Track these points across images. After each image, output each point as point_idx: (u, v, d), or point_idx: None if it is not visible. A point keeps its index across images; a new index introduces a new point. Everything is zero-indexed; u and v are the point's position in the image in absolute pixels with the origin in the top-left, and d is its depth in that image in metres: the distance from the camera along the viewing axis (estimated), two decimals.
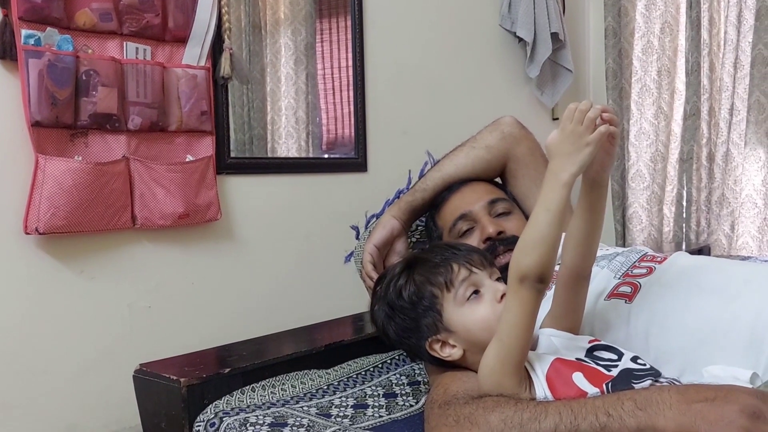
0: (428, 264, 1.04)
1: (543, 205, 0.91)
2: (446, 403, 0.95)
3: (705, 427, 0.75)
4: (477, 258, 1.03)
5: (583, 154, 0.91)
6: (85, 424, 1.61)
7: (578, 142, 0.91)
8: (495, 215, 1.40)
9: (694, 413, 0.77)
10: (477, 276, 1.01)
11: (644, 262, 1.23)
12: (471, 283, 1.01)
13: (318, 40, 2.21)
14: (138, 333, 1.70)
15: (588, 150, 0.91)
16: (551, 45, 2.72)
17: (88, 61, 1.53)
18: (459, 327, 1.00)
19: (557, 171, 0.91)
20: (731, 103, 2.73)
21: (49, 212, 1.48)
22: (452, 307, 1.00)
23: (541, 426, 0.83)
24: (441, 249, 1.07)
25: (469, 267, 1.02)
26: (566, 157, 0.91)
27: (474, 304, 1.00)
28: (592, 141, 0.91)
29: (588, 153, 0.91)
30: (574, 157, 0.91)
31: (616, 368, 0.93)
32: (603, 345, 1.00)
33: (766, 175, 2.67)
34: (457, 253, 1.04)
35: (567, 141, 0.92)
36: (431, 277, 1.02)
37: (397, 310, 1.05)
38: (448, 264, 1.02)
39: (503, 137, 1.54)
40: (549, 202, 0.90)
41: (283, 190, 2.03)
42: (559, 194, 0.90)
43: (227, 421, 1.10)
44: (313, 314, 1.76)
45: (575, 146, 0.91)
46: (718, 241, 2.77)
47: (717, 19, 2.78)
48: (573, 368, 0.93)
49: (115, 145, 1.61)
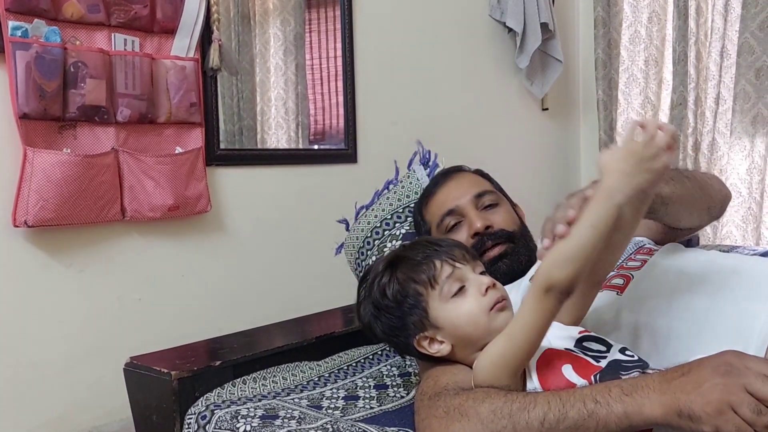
0: (411, 262, 1.03)
1: (589, 221, 0.86)
2: (436, 395, 0.96)
3: (684, 399, 0.77)
4: (459, 253, 1.03)
5: (641, 179, 0.86)
6: (76, 416, 1.62)
7: (642, 165, 0.86)
8: (482, 208, 1.41)
9: (673, 389, 0.79)
10: (460, 271, 1.01)
11: (639, 255, 1.25)
12: (455, 279, 1.00)
13: (307, 30, 2.20)
14: (128, 325, 1.70)
15: (647, 177, 0.86)
16: (541, 35, 2.72)
17: (76, 53, 1.52)
18: (446, 323, 1.00)
19: (612, 190, 0.85)
20: (717, 92, 2.74)
21: (38, 205, 1.47)
22: (438, 304, 1.00)
23: (530, 415, 0.84)
24: (423, 246, 1.06)
25: (452, 263, 1.01)
26: (625, 177, 0.86)
27: (459, 299, 1.00)
28: (656, 170, 0.86)
29: (648, 178, 0.86)
30: (633, 180, 0.86)
31: (604, 359, 0.94)
32: (592, 336, 1.01)
33: (751, 164, 2.69)
34: (439, 249, 1.03)
35: (630, 160, 0.86)
36: (414, 275, 1.02)
37: (382, 309, 1.05)
38: (430, 261, 1.02)
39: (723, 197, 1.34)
40: (596, 220, 0.86)
41: (273, 182, 2.03)
42: (609, 213, 0.86)
43: (218, 413, 1.11)
44: (304, 306, 1.77)
45: (637, 168, 0.86)
46: (704, 230, 2.79)
47: (704, 8, 2.79)
48: (563, 359, 0.94)
49: (104, 137, 1.61)
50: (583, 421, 0.81)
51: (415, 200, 1.56)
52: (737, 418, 0.75)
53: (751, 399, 0.75)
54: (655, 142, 0.86)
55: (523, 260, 1.36)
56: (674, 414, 0.78)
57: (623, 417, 0.80)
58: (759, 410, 0.75)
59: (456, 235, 1.38)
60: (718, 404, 0.75)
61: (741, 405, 0.75)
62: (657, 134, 0.86)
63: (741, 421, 0.75)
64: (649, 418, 0.79)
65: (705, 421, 0.76)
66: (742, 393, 0.75)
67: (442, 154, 1.71)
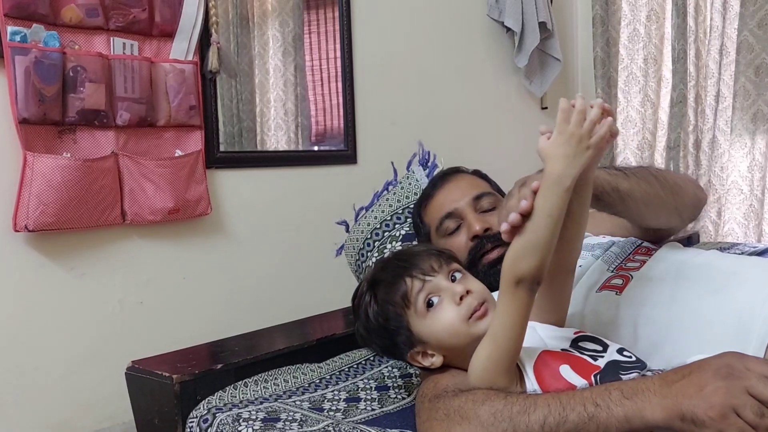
0: (384, 284, 1.03)
1: (544, 211, 0.87)
2: (436, 397, 0.96)
3: (687, 403, 0.77)
4: (428, 264, 1.01)
5: (584, 158, 0.88)
6: (78, 420, 1.62)
7: (579, 145, 0.88)
8: (481, 211, 1.41)
9: (675, 393, 0.79)
10: (431, 283, 1.00)
11: (638, 255, 1.25)
12: (427, 293, 0.99)
13: (306, 31, 2.20)
14: (129, 329, 1.71)
15: (589, 153, 0.88)
16: (539, 34, 2.72)
17: (75, 57, 1.52)
18: (429, 337, 1.00)
19: (559, 176, 0.87)
20: (717, 90, 2.74)
21: (38, 209, 1.48)
22: (417, 321, 1.00)
23: (530, 418, 0.84)
24: (392, 265, 1.05)
25: (421, 277, 1.00)
26: (567, 159, 0.87)
27: (435, 312, 0.99)
28: (594, 145, 0.88)
29: (589, 156, 0.88)
30: (576, 161, 0.88)
31: (602, 359, 0.94)
32: (588, 336, 1.01)
33: (752, 161, 2.69)
34: (408, 265, 1.02)
35: (567, 144, 0.88)
36: (390, 297, 1.01)
37: (372, 332, 1.06)
38: (401, 280, 1.01)
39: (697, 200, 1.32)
40: (551, 208, 0.87)
41: (273, 184, 2.03)
42: (562, 200, 0.87)
43: (220, 417, 1.11)
44: (304, 308, 1.77)
45: (576, 149, 0.88)
46: (705, 227, 2.79)
47: (703, 6, 2.79)
48: (560, 360, 0.94)
49: (104, 141, 1.61)
50: (583, 425, 0.81)
51: (415, 201, 1.56)
52: (740, 421, 0.75)
53: (753, 402, 0.75)
54: (588, 119, 0.88)
55: None
56: (677, 418, 0.78)
57: (624, 421, 0.80)
58: (762, 413, 0.75)
59: (455, 239, 1.39)
60: (721, 408, 0.75)
61: (744, 408, 0.75)
62: (588, 110, 0.88)
63: (744, 424, 0.74)
64: (650, 421, 0.79)
65: (708, 425, 0.76)
66: (744, 396, 0.75)
67: (442, 154, 1.72)
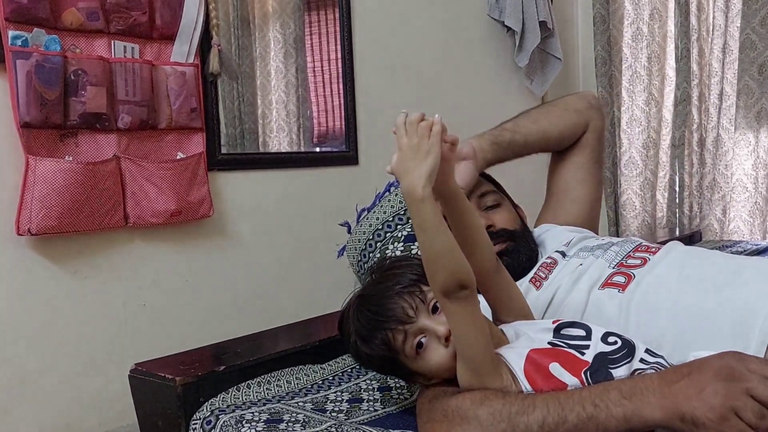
0: (364, 338, 1.00)
1: (419, 228, 0.89)
2: (435, 398, 0.97)
3: (687, 404, 0.77)
4: (402, 311, 0.96)
5: (427, 164, 0.88)
6: (82, 423, 1.62)
7: (418, 154, 0.89)
8: (484, 208, 1.42)
9: (674, 393, 0.79)
10: (414, 326, 0.97)
11: (639, 253, 1.25)
12: (413, 338, 0.97)
13: (307, 32, 2.21)
14: (133, 331, 1.71)
15: (431, 158, 0.89)
16: (540, 33, 2.72)
17: (76, 61, 1.52)
18: (426, 373, 0.99)
19: (411, 190, 0.88)
20: (721, 88, 2.74)
21: (41, 213, 1.48)
22: (410, 361, 0.99)
23: (529, 419, 0.84)
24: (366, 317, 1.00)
25: (401, 328, 0.96)
26: (414, 171, 0.88)
27: (425, 353, 0.97)
28: (431, 147, 0.89)
29: (432, 161, 0.89)
30: (420, 170, 0.88)
31: (587, 349, 0.94)
32: (568, 322, 1.00)
33: (756, 159, 2.69)
34: (383, 318, 0.97)
35: (407, 157, 0.89)
36: (376, 351, 0.99)
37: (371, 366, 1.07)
38: (380, 334, 0.98)
39: (590, 106, 1.56)
40: (420, 222, 0.88)
41: (275, 185, 2.03)
42: (424, 211, 0.87)
43: (223, 418, 1.11)
44: (307, 309, 1.77)
45: (417, 158, 0.89)
46: (710, 225, 2.79)
47: (705, 5, 2.78)
48: (548, 357, 0.93)
49: (106, 145, 1.61)
50: (582, 425, 0.81)
51: None
52: (741, 423, 0.74)
53: (754, 403, 0.75)
54: (418, 127, 0.90)
55: (523, 258, 1.37)
56: (676, 419, 0.77)
57: (623, 421, 0.80)
58: (762, 414, 0.74)
59: None
60: (721, 410, 0.75)
61: (744, 410, 0.74)
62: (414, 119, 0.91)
63: (744, 425, 0.74)
64: (650, 421, 0.79)
65: (708, 426, 0.75)
66: (744, 397, 0.75)
67: None
